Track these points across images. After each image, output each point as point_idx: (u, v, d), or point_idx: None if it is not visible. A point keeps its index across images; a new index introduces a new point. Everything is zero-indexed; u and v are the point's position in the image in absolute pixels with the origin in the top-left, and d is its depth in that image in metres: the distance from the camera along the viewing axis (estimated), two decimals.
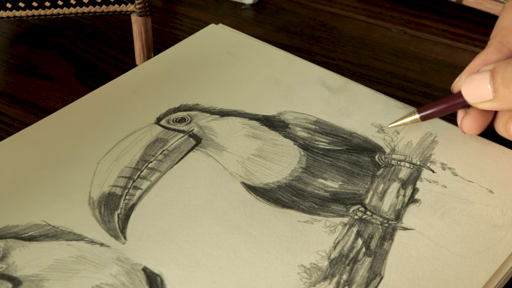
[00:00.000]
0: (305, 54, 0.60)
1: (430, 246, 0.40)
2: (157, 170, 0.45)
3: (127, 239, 0.40)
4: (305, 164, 0.46)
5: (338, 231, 0.41)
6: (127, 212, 0.42)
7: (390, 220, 0.42)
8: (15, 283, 0.38)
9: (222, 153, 0.46)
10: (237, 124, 0.49)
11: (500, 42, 0.44)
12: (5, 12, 0.55)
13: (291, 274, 0.39)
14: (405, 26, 0.66)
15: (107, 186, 0.44)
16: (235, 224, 0.41)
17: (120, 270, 0.38)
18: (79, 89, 0.57)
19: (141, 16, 0.57)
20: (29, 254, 0.39)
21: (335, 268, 0.39)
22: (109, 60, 0.61)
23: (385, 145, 0.47)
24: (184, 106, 0.50)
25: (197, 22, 0.67)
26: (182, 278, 0.38)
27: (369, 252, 0.40)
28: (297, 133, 0.48)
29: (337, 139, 0.48)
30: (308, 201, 0.43)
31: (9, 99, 0.56)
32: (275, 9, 0.69)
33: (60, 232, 0.41)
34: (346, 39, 0.64)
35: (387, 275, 0.39)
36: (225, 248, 0.40)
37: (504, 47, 0.44)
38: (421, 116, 0.46)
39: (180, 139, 0.47)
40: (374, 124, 0.49)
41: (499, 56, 0.43)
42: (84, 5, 0.55)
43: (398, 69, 0.60)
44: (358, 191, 0.44)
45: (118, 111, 0.50)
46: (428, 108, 0.46)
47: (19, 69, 0.60)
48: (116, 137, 0.47)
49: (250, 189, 0.44)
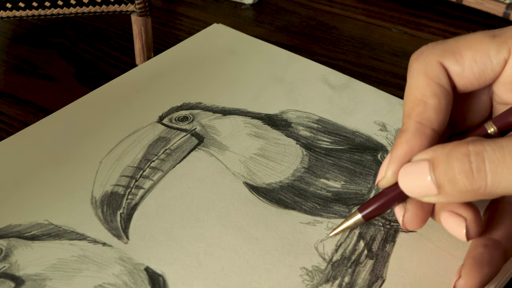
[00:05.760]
0: (305, 54, 0.60)
1: (432, 249, 0.40)
2: (160, 169, 0.45)
3: (130, 239, 0.40)
4: (308, 164, 0.46)
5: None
6: (130, 211, 0.42)
7: (392, 222, 0.42)
8: (18, 282, 0.37)
9: (225, 152, 0.46)
10: (240, 123, 0.49)
11: (418, 122, 0.36)
12: (5, 12, 0.55)
13: (293, 276, 0.38)
14: (405, 26, 0.66)
15: (109, 186, 0.43)
16: (237, 225, 0.41)
17: (122, 269, 0.38)
18: (79, 89, 0.57)
19: (141, 16, 0.57)
20: (31, 253, 0.39)
21: (337, 271, 0.39)
22: (109, 60, 0.61)
23: (387, 143, 0.47)
24: (187, 104, 0.50)
25: (197, 22, 0.67)
26: (185, 279, 0.38)
27: (371, 254, 0.40)
28: (300, 132, 0.48)
29: (340, 138, 0.48)
30: (311, 201, 0.43)
31: (9, 99, 0.56)
32: (275, 9, 0.69)
33: (63, 232, 0.40)
34: (346, 39, 0.64)
35: (389, 278, 0.39)
36: (227, 249, 0.40)
37: (426, 127, 0.36)
38: (363, 215, 0.38)
39: (182, 138, 0.47)
40: (377, 122, 0.49)
41: (424, 140, 0.35)
42: (84, 5, 0.55)
43: (398, 69, 0.60)
44: (361, 190, 0.44)
45: (120, 109, 0.50)
46: (369, 205, 0.38)
47: (19, 69, 0.59)
48: (118, 136, 0.47)
49: (252, 189, 0.44)
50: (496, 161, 0.32)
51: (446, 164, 0.33)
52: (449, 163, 0.32)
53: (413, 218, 0.37)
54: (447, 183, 0.33)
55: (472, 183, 0.32)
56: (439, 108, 0.36)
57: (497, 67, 0.36)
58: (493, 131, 0.36)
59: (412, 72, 0.37)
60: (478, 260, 0.36)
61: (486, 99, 0.39)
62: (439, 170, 0.33)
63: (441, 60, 0.37)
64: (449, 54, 0.37)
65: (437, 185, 0.33)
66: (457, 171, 0.32)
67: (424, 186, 0.34)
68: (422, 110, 0.36)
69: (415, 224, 0.37)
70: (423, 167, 0.34)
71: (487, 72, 0.37)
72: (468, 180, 0.32)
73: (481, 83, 0.37)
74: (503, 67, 0.36)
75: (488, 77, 0.37)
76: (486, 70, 0.36)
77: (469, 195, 0.32)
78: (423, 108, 0.36)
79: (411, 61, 0.38)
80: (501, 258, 0.37)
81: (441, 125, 0.36)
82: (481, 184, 0.32)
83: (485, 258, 0.36)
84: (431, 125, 0.36)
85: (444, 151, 0.33)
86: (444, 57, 0.37)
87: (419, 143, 0.35)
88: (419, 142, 0.35)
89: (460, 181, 0.32)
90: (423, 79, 0.37)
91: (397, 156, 0.36)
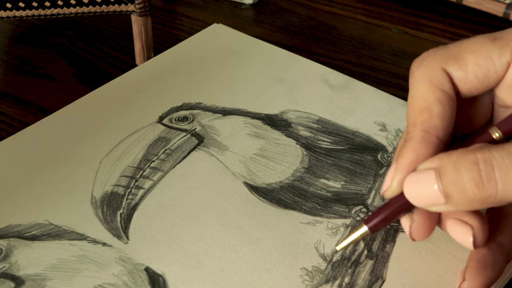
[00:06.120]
0: (305, 54, 0.60)
1: (432, 249, 0.40)
2: (160, 169, 0.45)
3: (130, 239, 0.40)
4: (308, 164, 0.46)
5: (340, 233, 0.41)
6: (130, 211, 0.42)
7: (392, 222, 0.42)
8: (18, 282, 0.37)
9: (225, 152, 0.46)
10: (240, 123, 0.49)
11: (424, 130, 0.35)
12: (5, 12, 0.55)
13: (293, 276, 0.38)
14: (405, 26, 0.66)
15: (109, 186, 0.43)
16: (237, 225, 0.41)
17: (122, 270, 0.38)
18: (79, 89, 0.57)
19: (141, 16, 0.57)
20: (31, 254, 0.39)
21: (337, 271, 0.39)
22: (109, 60, 0.61)
23: (387, 143, 0.47)
24: (187, 104, 0.50)
25: (197, 22, 0.67)
26: (185, 279, 0.38)
27: (371, 254, 0.40)
28: (300, 132, 0.48)
29: (340, 138, 0.48)
30: (311, 201, 0.43)
31: (9, 99, 0.56)
32: (275, 9, 0.69)
33: (63, 232, 0.40)
34: (346, 39, 0.64)
35: (389, 278, 0.39)
36: (227, 249, 0.40)
37: (431, 135, 0.35)
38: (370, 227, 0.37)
39: (182, 138, 0.47)
40: (377, 122, 0.49)
41: (429, 149, 0.35)
42: (84, 5, 0.55)
43: (398, 69, 0.60)
44: (361, 190, 0.44)
45: (120, 109, 0.50)
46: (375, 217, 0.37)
47: (19, 69, 0.59)
48: (118, 136, 0.47)
49: (252, 189, 0.44)
50: (505, 168, 0.31)
51: (454, 172, 0.32)
52: (458, 172, 0.32)
53: (420, 228, 0.36)
54: (456, 192, 0.32)
55: (482, 191, 0.31)
56: (444, 115, 0.36)
57: (500, 70, 0.36)
58: (498, 136, 0.35)
59: (414, 80, 0.37)
60: (481, 263, 0.36)
61: (488, 103, 0.39)
62: (447, 179, 0.32)
63: (444, 66, 0.36)
64: (451, 59, 0.36)
65: (445, 194, 0.32)
66: (466, 180, 0.32)
67: (430, 196, 0.33)
68: (427, 118, 0.35)
69: (422, 234, 0.36)
70: (429, 176, 0.33)
71: (490, 76, 0.36)
72: (478, 189, 0.31)
73: (485, 87, 0.37)
74: (506, 69, 0.36)
75: (491, 80, 0.36)
76: (489, 74, 0.36)
77: (479, 203, 0.32)
78: (428, 116, 0.35)
79: (413, 68, 0.37)
80: (504, 260, 0.37)
81: (446, 133, 0.36)
82: (491, 193, 0.31)
83: (489, 261, 0.36)
84: (437, 133, 0.35)
85: (451, 159, 0.32)
86: (447, 63, 0.36)
87: (425, 151, 0.35)
88: (425, 151, 0.35)
89: (469, 190, 0.32)
90: (426, 86, 0.36)
91: (403, 165, 0.35)
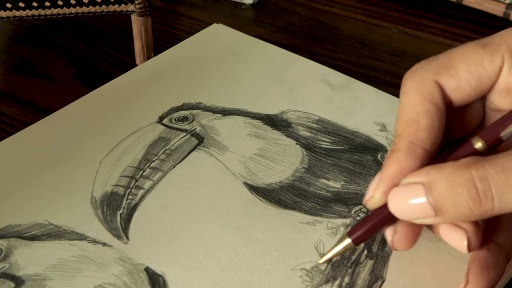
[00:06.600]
0: (305, 54, 0.60)
1: (432, 249, 0.40)
2: (160, 169, 0.45)
3: (130, 239, 0.40)
4: (308, 164, 0.46)
5: (340, 233, 0.41)
6: (130, 212, 0.42)
7: None
8: (18, 282, 0.37)
9: (225, 152, 0.46)
10: (240, 123, 0.49)
11: (411, 142, 0.35)
12: (5, 12, 0.55)
13: (293, 277, 0.38)
14: (405, 26, 0.66)
15: (109, 186, 0.43)
16: (237, 225, 0.41)
17: (122, 270, 0.38)
18: (79, 89, 0.57)
19: (141, 16, 0.57)
20: (31, 254, 0.39)
21: (337, 271, 0.39)
22: (109, 60, 0.61)
23: (387, 143, 0.47)
24: (187, 104, 0.50)
25: (197, 22, 0.67)
26: (184, 279, 0.38)
27: (371, 254, 0.40)
28: (300, 132, 0.48)
29: (340, 138, 0.48)
30: (311, 201, 0.43)
31: (9, 99, 0.56)
32: (275, 9, 0.69)
33: (63, 232, 0.40)
34: (346, 39, 0.64)
35: (389, 278, 0.39)
36: (227, 250, 0.40)
37: (417, 147, 0.35)
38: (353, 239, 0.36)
39: (182, 138, 0.47)
40: (377, 123, 0.49)
41: (415, 161, 0.34)
42: (84, 5, 0.55)
43: (398, 69, 0.60)
44: (360, 190, 0.44)
45: (120, 109, 0.50)
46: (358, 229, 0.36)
47: (19, 69, 0.59)
48: (118, 136, 0.47)
49: (252, 189, 0.44)
50: (501, 184, 0.31)
51: (449, 188, 0.32)
52: (453, 189, 0.32)
53: (404, 239, 0.36)
54: (451, 208, 0.32)
55: (479, 208, 0.32)
56: (432, 128, 0.35)
57: (493, 75, 0.36)
58: (481, 146, 0.35)
59: (405, 91, 0.36)
60: (484, 265, 0.36)
61: (479, 107, 0.39)
62: (439, 194, 0.32)
63: (436, 77, 0.36)
64: (443, 70, 0.36)
65: (436, 208, 0.32)
66: (463, 197, 0.32)
67: (418, 210, 0.33)
68: (414, 130, 0.35)
69: (404, 245, 0.36)
70: (416, 190, 0.33)
71: (483, 82, 0.36)
72: (475, 206, 0.32)
73: (478, 94, 0.37)
74: (498, 74, 0.36)
75: (484, 86, 0.36)
76: (482, 80, 0.36)
77: (474, 217, 0.32)
78: (416, 128, 0.35)
79: (404, 79, 0.37)
80: (504, 261, 0.37)
81: (434, 145, 0.35)
82: (488, 208, 0.32)
83: (490, 262, 0.36)
84: (424, 145, 0.35)
85: (442, 175, 0.32)
86: (439, 74, 0.36)
87: (410, 163, 0.34)
88: (411, 163, 0.34)
89: (466, 207, 0.32)
90: (416, 97, 0.36)
91: (387, 177, 0.35)
